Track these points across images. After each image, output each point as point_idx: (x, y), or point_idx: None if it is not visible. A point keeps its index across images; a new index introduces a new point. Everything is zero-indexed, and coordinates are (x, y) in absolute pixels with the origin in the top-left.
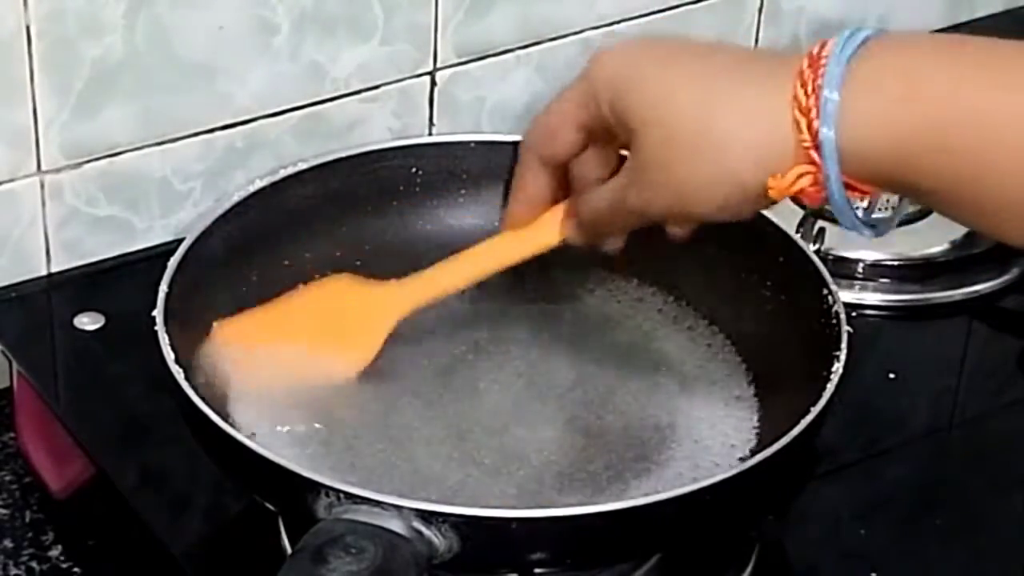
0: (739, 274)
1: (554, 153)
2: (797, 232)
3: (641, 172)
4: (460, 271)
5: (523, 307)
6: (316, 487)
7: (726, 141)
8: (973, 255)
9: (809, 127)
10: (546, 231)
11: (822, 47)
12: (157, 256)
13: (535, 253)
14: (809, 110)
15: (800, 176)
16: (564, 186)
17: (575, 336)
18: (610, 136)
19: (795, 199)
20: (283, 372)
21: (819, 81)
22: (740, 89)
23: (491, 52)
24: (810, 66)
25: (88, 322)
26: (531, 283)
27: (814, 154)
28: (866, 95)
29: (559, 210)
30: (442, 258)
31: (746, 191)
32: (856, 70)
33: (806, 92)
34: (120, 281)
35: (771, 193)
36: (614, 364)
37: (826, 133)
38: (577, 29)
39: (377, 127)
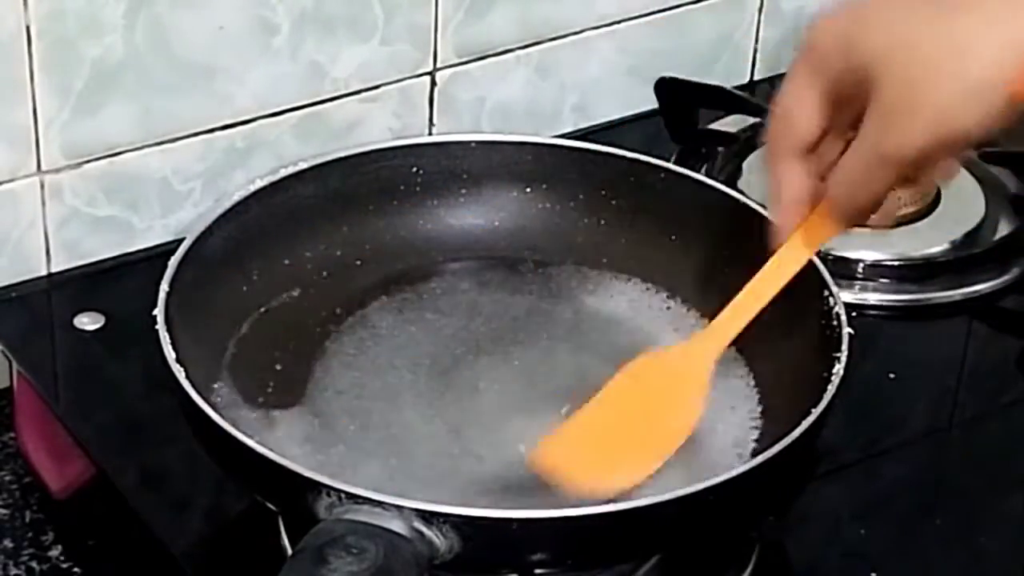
0: (740, 275)
1: (801, 135)
2: None
3: (890, 111)
4: (757, 298)
5: (523, 307)
6: (317, 487)
7: (970, 49)
8: (973, 255)
9: None
10: (816, 230)
11: None
12: (157, 256)
13: (808, 259)
14: None
15: None
16: (821, 180)
17: (575, 336)
18: (846, 100)
19: None
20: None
21: None
22: (979, 1)
23: (491, 52)
24: None
25: (88, 322)
26: (531, 283)
27: None
28: None
29: (821, 207)
30: (442, 258)
31: (999, 98)
32: None
33: None
34: (120, 281)
35: (1021, 95)
36: (614, 364)
37: None
38: (577, 29)
39: (377, 127)
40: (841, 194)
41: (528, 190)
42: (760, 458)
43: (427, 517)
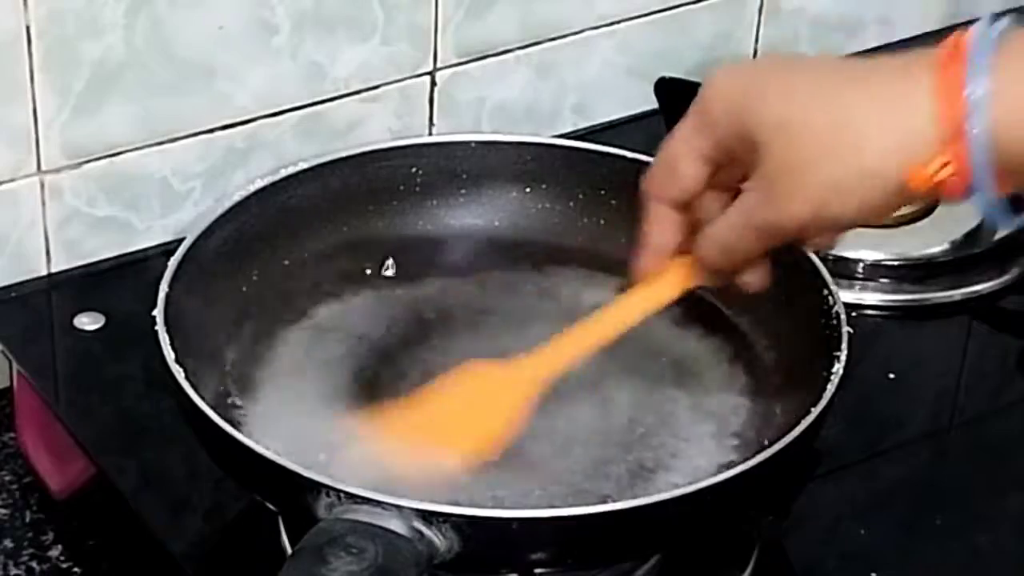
0: None
1: (678, 190)
2: None
3: (773, 182)
4: (588, 337)
5: (523, 307)
6: (316, 487)
7: (863, 134)
8: (973, 255)
9: (953, 117)
10: (675, 279)
11: (959, 38)
12: (157, 256)
13: (666, 304)
14: (954, 100)
15: (943, 166)
16: (692, 233)
17: None
18: (731, 162)
19: (933, 193)
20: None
21: (964, 71)
22: (872, 86)
23: (491, 52)
24: (951, 56)
25: (88, 322)
26: (531, 283)
27: (959, 145)
28: (1018, 84)
29: (686, 257)
30: (442, 258)
31: (887, 186)
32: (1003, 60)
33: (949, 82)
34: (120, 281)
35: (911, 185)
36: (615, 364)
37: (976, 122)
38: (577, 29)
39: (377, 127)
40: (708, 254)
41: (528, 190)
42: (760, 457)
43: (427, 517)
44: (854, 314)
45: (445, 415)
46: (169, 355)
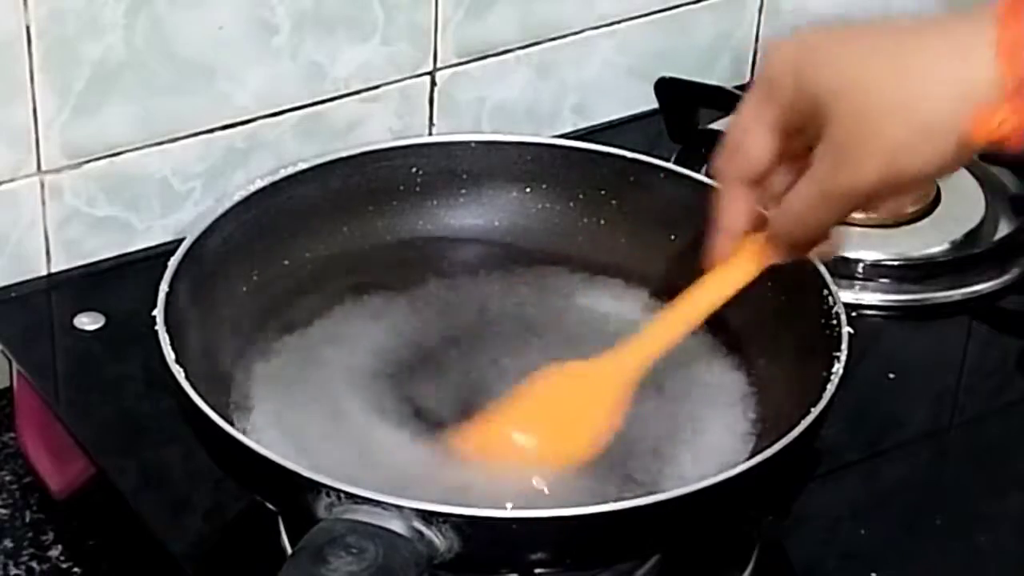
0: None
1: (748, 164)
2: None
3: (841, 147)
4: (674, 324)
5: (522, 308)
6: (316, 487)
7: (926, 91)
8: (973, 255)
9: (1015, 70)
10: (752, 259)
11: None
12: (157, 256)
13: (744, 285)
14: (1015, 53)
15: (1006, 119)
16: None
17: (574, 337)
18: (799, 131)
19: (996, 147)
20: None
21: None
22: (932, 42)
23: (491, 52)
24: (1011, 9)
25: (88, 322)
26: (531, 283)
27: (1022, 97)
28: None
29: (759, 235)
30: (441, 258)
31: (951, 140)
32: None
33: (1011, 35)
34: (120, 281)
35: (975, 139)
36: None
37: None
38: (577, 29)
39: (377, 127)
40: (784, 228)
41: (528, 190)
42: (760, 458)
43: (427, 517)
44: (854, 314)
45: (538, 421)
46: (169, 355)
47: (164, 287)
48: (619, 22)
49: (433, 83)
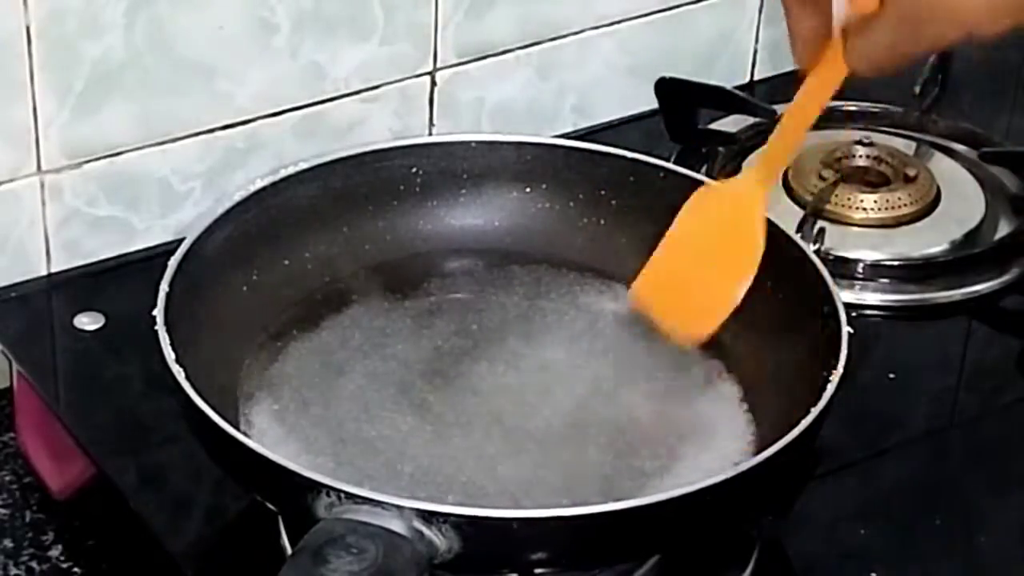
0: None
1: None
2: (797, 232)
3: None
4: (794, 130)
5: (521, 308)
6: (316, 487)
7: None
8: (973, 255)
9: None
10: (839, 61)
11: None
12: (157, 256)
13: (839, 84)
14: None
15: None
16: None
17: (574, 337)
18: None
19: None
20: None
21: None
22: None
23: (491, 52)
24: None
25: (88, 322)
26: (530, 283)
27: None
28: None
29: (838, 42)
30: (441, 258)
31: None
32: None
33: None
34: (120, 281)
35: None
36: (614, 364)
37: None
38: (577, 29)
39: (377, 127)
40: (859, 67)
41: (528, 190)
42: (760, 458)
43: (427, 517)
44: (854, 314)
45: (706, 250)
46: (169, 355)
47: (164, 287)
48: (619, 22)
49: (433, 83)
